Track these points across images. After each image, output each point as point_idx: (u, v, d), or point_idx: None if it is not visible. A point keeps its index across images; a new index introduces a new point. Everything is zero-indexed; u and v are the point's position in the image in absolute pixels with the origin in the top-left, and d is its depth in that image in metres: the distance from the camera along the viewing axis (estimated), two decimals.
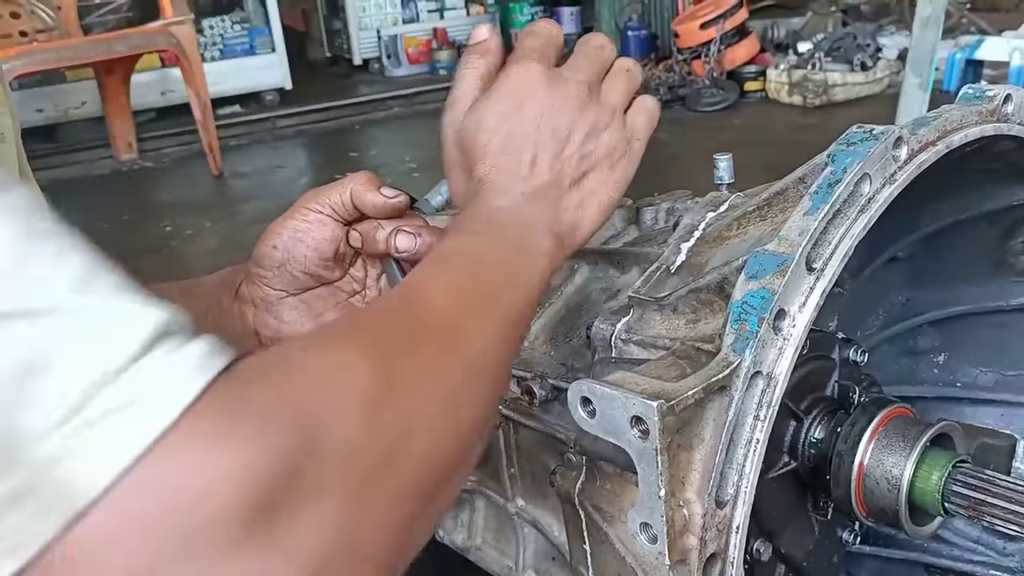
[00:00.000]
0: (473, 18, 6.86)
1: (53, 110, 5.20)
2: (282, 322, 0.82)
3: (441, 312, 0.58)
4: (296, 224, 0.79)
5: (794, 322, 0.64)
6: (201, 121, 4.43)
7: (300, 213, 0.79)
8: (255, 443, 0.41)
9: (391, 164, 4.56)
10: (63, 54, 4.15)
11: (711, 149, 1.03)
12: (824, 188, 0.66)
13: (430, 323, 0.56)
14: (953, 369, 1.04)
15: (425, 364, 0.53)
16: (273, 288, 0.81)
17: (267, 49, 5.87)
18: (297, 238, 0.79)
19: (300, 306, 0.82)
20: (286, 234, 0.79)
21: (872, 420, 0.81)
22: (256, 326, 0.82)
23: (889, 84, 4.95)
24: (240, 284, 0.82)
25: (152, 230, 3.82)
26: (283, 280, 0.80)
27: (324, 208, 0.79)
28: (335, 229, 0.80)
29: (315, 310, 0.82)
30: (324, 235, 0.79)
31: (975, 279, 0.98)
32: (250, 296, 0.82)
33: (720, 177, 0.94)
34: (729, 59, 5.23)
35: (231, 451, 0.40)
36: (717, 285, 0.71)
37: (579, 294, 0.95)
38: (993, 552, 0.97)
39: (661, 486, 0.58)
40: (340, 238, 0.80)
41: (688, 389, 0.59)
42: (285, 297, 0.81)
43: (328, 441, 0.44)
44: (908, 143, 0.69)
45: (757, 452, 0.62)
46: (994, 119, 0.77)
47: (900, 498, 0.78)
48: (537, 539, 0.98)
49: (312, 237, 0.79)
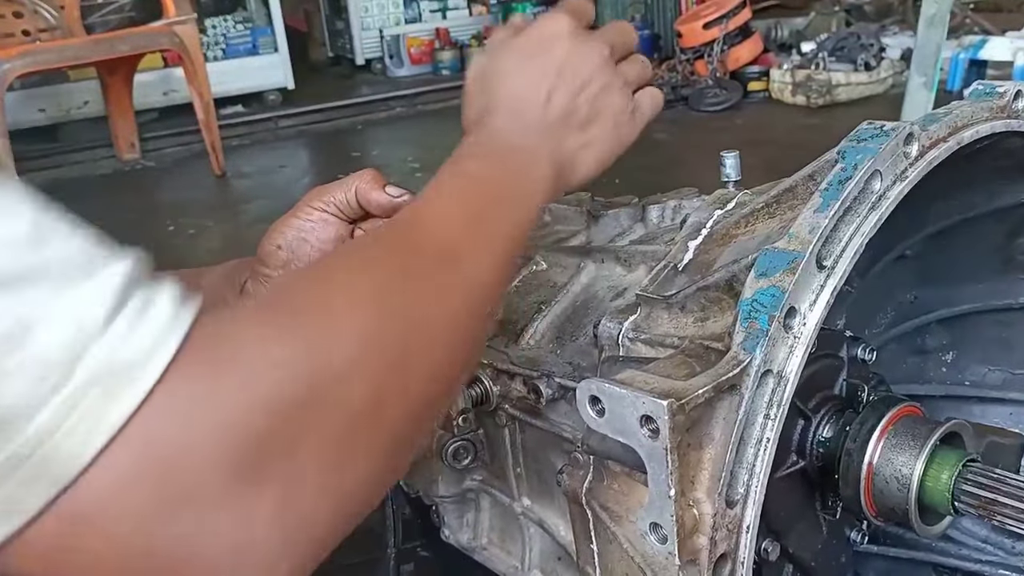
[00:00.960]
0: (476, 18, 6.84)
1: (55, 110, 5.19)
2: None
3: (440, 237, 0.59)
4: (300, 223, 0.79)
5: (804, 320, 0.63)
6: (204, 121, 4.42)
7: (304, 212, 0.80)
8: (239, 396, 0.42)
9: (393, 164, 4.56)
10: (66, 54, 4.14)
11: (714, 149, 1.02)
12: (835, 185, 0.65)
13: (429, 249, 0.58)
14: (961, 368, 1.03)
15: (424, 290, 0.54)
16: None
17: (270, 49, 5.87)
18: (301, 238, 0.79)
19: None
20: (290, 233, 0.79)
21: (881, 419, 0.81)
22: None
23: (893, 84, 4.94)
24: (245, 281, 0.82)
25: (155, 230, 3.81)
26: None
27: (328, 207, 0.79)
28: (339, 228, 0.80)
29: None
30: (328, 234, 0.79)
31: (983, 277, 0.97)
32: (255, 293, 0.81)
33: (727, 175, 0.93)
34: (732, 59, 5.22)
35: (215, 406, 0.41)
36: (726, 283, 0.71)
37: (585, 292, 0.94)
38: (1002, 551, 0.96)
39: (671, 486, 0.57)
40: (344, 236, 0.80)
41: (698, 388, 0.58)
42: None
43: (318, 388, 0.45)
44: (919, 139, 0.68)
45: (767, 451, 0.62)
46: (1004, 115, 0.76)
47: (910, 497, 0.78)
48: (543, 539, 0.98)
49: (316, 237, 0.79)
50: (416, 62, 6.58)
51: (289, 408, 0.43)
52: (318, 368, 0.45)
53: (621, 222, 1.02)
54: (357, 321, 0.48)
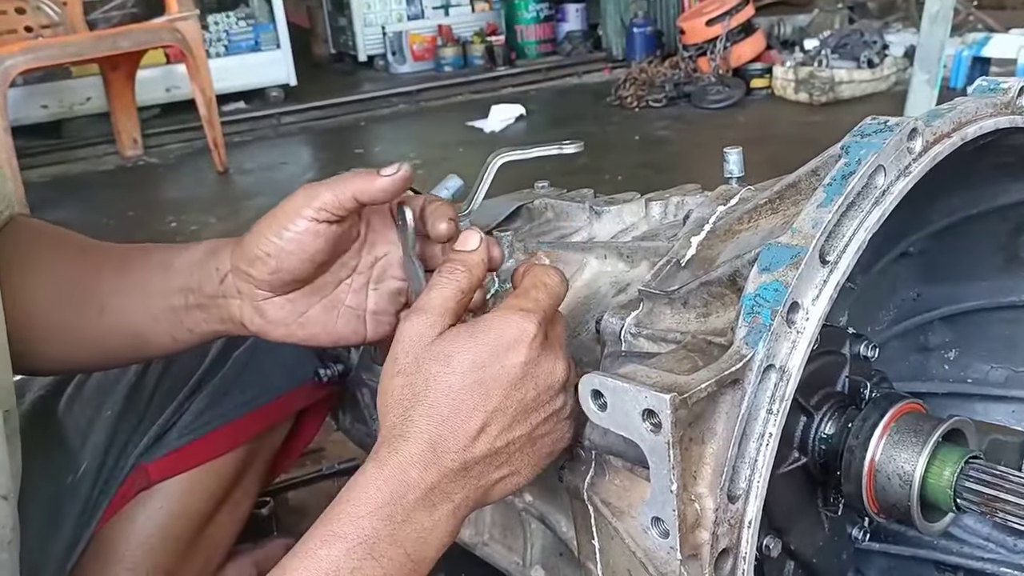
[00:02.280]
0: (479, 15, 6.84)
1: (58, 106, 5.20)
2: (267, 321, 0.81)
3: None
4: (289, 236, 0.76)
5: (807, 315, 0.63)
6: (206, 117, 4.42)
7: (292, 222, 0.76)
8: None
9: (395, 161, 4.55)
10: (68, 50, 4.14)
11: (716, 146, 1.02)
12: (838, 180, 0.65)
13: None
14: (964, 365, 1.03)
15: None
16: (261, 289, 0.79)
17: (272, 46, 5.87)
18: (289, 250, 0.76)
19: (287, 306, 0.80)
20: (278, 243, 0.76)
21: (884, 415, 0.80)
22: (243, 319, 0.81)
23: (896, 81, 4.94)
24: (226, 274, 0.80)
25: (157, 226, 3.81)
26: (272, 284, 0.79)
27: (319, 215, 0.75)
28: (328, 236, 0.77)
29: (299, 308, 0.81)
30: (317, 246, 0.77)
31: (987, 274, 0.97)
32: (237, 288, 0.80)
33: (730, 171, 0.93)
34: (735, 56, 5.21)
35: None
36: (728, 278, 0.71)
37: (587, 288, 0.94)
38: (1004, 549, 0.96)
39: (673, 480, 0.57)
40: (333, 237, 0.77)
41: (701, 382, 0.58)
42: (271, 297, 0.80)
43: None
44: (923, 135, 0.68)
45: (770, 446, 0.61)
46: (1008, 111, 0.76)
47: (912, 494, 0.78)
48: (545, 535, 0.97)
49: (304, 249, 0.76)
50: (418, 59, 6.58)
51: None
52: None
53: (623, 218, 1.02)
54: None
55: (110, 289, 0.87)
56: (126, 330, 0.86)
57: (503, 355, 0.66)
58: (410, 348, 0.68)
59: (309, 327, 0.81)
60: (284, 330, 0.81)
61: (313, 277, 0.80)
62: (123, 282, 0.86)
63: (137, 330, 0.86)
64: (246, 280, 0.79)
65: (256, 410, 1.18)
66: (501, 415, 0.67)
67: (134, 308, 0.85)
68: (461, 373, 0.66)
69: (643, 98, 5.13)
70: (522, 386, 0.67)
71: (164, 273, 0.84)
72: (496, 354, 0.66)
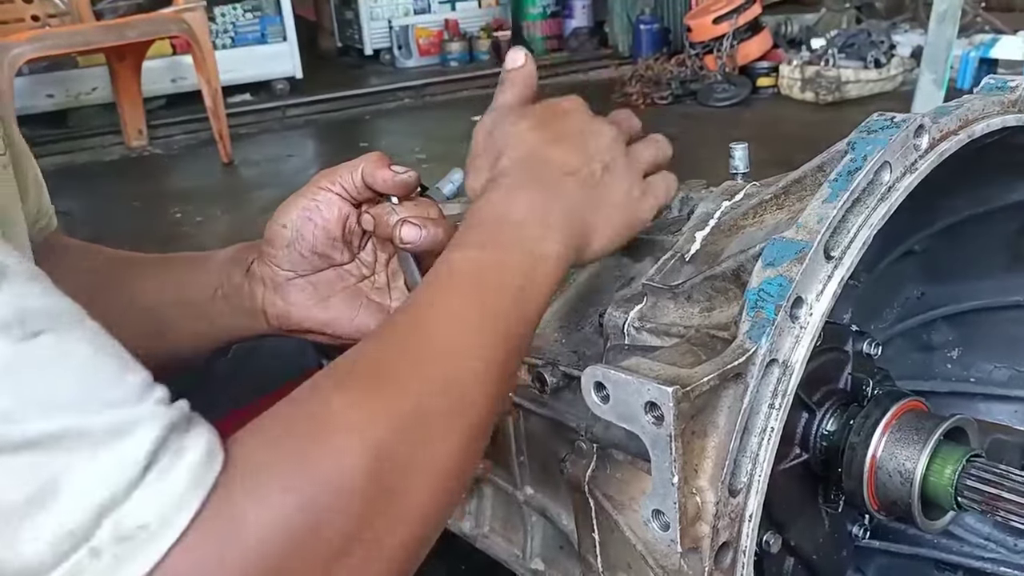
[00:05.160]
0: (485, 10, 6.83)
1: (64, 96, 5.20)
2: (289, 304, 0.82)
3: (444, 342, 0.60)
4: (306, 203, 0.80)
5: (811, 310, 0.63)
6: (212, 109, 4.42)
7: (311, 192, 0.80)
8: (248, 566, 0.45)
9: (401, 155, 4.55)
10: (74, 39, 4.15)
11: (722, 144, 1.01)
12: (844, 175, 0.65)
13: (433, 364, 0.59)
14: (967, 364, 1.03)
15: (426, 420, 0.56)
16: (282, 268, 0.81)
17: (278, 38, 5.87)
18: (306, 217, 0.79)
19: (308, 288, 0.82)
20: (295, 213, 0.80)
21: (886, 413, 0.81)
22: (264, 306, 0.82)
23: (902, 81, 4.92)
24: (252, 262, 0.83)
25: (162, 217, 3.82)
26: (291, 260, 0.81)
27: (335, 187, 0.79)
28: (343, 208, 0.80)
29: (322, 293, 0.82)
30: (332, 214, 0.80)
31: (991, 274, 0.97)
32: (260, 275, 0.82)
33: (735, 166, 0.93)
34: (742, 54, 5.20)
35: (238, 552, 0.45)
36: (733, 273, 0.71)
37: (591, 282, 0.94)
38: (1004, 549, 0.96)
39: (674, 473, 0.57)
40: (348, 217, 0.81)
41: (703, 375, 0.58)
42: (294, 278, 0.81)
43: (323, 544, 0.48)
44: (929, 132, 0.68)
45: (771, 441, 0.61)
46: (1016, 110, 0.76)
47: (913, 491, 0.78)
48: (545, 527, 0.98)
49: (321, 216, 0.80)
50: (425, 53, 6.57)
51: (304, 541, 0.47)
52: (329, 501, 0.49)
53: None
54: (357, 450, 0.52)
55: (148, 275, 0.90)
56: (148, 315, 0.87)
57: (562, 115, 0.77)
58: (487, 123, 0.77)
59: (331, 310, 0.82)
60: (305, 313, 0.82)
61: (330, 257, 0.81)
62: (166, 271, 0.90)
63: (158, 316, 0.87)
64: (270, 261, 0.81)
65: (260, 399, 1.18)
66: (575, 148, 0.74)
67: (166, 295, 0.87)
68: (530, 125, 0.75)
69: (649, 95, 5.12)
70: (586, 132, 0.76)
71: (204, 264, 0.87)
72: (556, 114, 0.77)
